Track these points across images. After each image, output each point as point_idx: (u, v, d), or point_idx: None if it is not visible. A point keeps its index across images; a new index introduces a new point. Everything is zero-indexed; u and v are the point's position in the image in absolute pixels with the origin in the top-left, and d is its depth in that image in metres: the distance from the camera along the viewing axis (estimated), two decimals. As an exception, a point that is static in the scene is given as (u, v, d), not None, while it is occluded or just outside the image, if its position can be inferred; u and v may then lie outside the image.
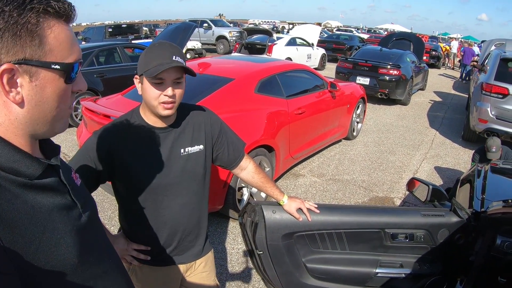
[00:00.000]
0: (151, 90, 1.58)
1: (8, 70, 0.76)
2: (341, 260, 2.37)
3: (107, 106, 4.35)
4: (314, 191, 5.47)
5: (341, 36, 25.53)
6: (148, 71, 1.54)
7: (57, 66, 0.83)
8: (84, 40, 19.02)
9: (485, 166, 3.47)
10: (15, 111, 0.80)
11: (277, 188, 2.11)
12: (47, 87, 0.83)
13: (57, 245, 0.84)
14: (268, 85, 5.08)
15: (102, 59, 8.92)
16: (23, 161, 0.82)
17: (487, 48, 12.80)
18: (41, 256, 0.80)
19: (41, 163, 0.86)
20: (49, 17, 0.80)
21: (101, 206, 4.59)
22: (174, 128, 1.74)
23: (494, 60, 8.01)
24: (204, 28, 23.35)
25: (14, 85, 0.78)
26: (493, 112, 7.31)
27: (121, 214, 1.87)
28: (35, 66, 0.79)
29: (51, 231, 0.83)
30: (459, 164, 6.94)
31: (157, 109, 1.61)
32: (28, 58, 0.78)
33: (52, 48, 0.81)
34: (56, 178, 0.92)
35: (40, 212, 0.82)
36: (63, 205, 0.90)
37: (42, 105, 0.83)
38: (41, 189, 0.85)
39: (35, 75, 0.80)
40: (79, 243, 0.90)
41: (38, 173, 0.85)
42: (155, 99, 1.59)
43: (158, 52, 1.59)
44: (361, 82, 10.86)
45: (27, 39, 0.77)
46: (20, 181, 0.81)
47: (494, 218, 2.23)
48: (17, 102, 0.79)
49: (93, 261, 0.97)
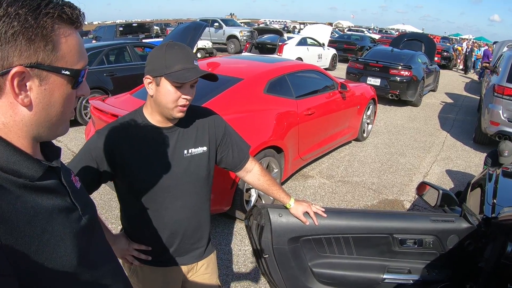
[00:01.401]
0: (170, 93, 1.58)
1: (19, 73, 0.77)
2: (348, 265, 2.34)
3: (115, 105, 4.36)
4: (323, 192, 5.43)
5: (352, 36, 25.44)
6: (173, 75, 1.54)
7: (67, 72, 0.84)
8: (95, 39, 19.15)
9: (496, 170, 3.41)
10: (21, 113, 0.81)
11: (283, 191, 2.08)
12: (56, 91, 0.84)
13: (56, 248, 0.84)
14: (278, 85, 5.05)
15: (112, 58, 8.96)
16: (24, 163, 0.82)
17: (500, 49, 12.68)
18: (40, 258, 0.80)
19: (42, 165, 0.86)
20: (62, 23, 0.82)
21: (108, 205, 4.61)
22: (178, 128, 1.73)
23: (506, 62, 7.91)
24: (215, 28, 23.39)
25: (23, 88, 0.79)
26: (505, 115, 7.21)
27: (122, 213, 1.88)
28: (46, 70, 0.81)
29: (50, 233, 0.83)
30: (470, 167, 6.86)
31: (173, 111, 1.61)
32: (40, 62, 0.79)
33: (63, 54, 0.82)
34: (57, 180, 0.92)
35: (40, 214, 0.82)
36: (63, 207, 0.89)
37: (48, 109, 0.84)
38: (41, 190, 0.85)
39: (45, 79, 0.81)
40: (78, 246, 0.89)
41: (39, 175, 0.84)
42: (173, 102, 1.59)
43: (179, 55, 1.58)
44: (371, 83, 10.81)
45: (41, 44, 0.78)
46: (21, 183, 0.80)
47: (506, 224, 2.19)
48: (26, 104, 0.80)
49: (92, 264, 0.96)
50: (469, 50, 23.95)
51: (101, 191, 4.89)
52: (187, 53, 1.60)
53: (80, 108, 7.60)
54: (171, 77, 1.54)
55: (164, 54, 1.57)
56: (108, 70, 8.27)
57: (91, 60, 8.00)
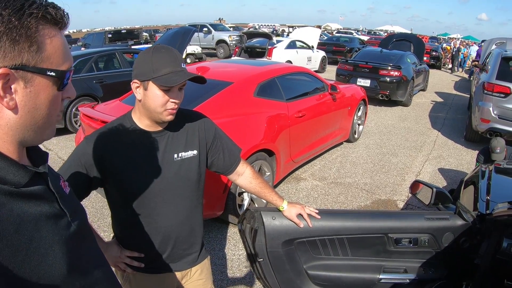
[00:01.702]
0: (157, 97, 1.56)
1: (4, 75, 0.75)
2: (344, 266, 2.33)
3: (105, 112, 4.32)
4: (316, 194, 5.42)
5: (341, 38, 25.57)
6: (161, 79, 1.52)
7: (53, 73, 0.83)
8: (84, 46, 19.07)
9: (489, 166, 3.42)
10: (6, 117, 0.79)
11: (276, 194, 2.06)
12: (41, 93, 0.82)
13: (45, 255, 0.81)
14: (268, 88, 5.03)
15: (101, 64, 8.93)
16: (9, 169, 0.80)
17: (488, 48, 12.78)
18: (28, 267, 0.78)
19: (28, 170, 0.84)
20: (46, 23, 0.81)
21: (100, 213, 4.56)
22: (167, 132, 1.71)
23: (495, 59, 7.97)
24: (204, 33, 23.38)
25: (8, 90, 0.77)
26: (495, 112, 7.26)
27: (114, 220, 1.85)
28: (31, 72, 0.79)
29: (38, 240, 0.81)
30: (462, 165, 6.89)
31: (161, 115, 1.60)
32: (25, 64, 0.78)
33: (48, 55, 0.81)
34: (44, 186, 0.89)
35: (27, 221, 0.79)
36: (51, 214, 0.87)
37: (34, 112, 0.82)
38: (28, 197, 0.82)
39: (30, 81, 0.80)
40: (68, 253, 0.87)
41: (25, 181, 0.82)
42: (161, 106, 1.57)
43: (166, 58, 1.56)
44: (361, 84, 10.81)
45: (26, 45, 0.77)
46: (6, 190, 0.78)
47: (500, 220, 2.18)
48: (11, 107, 0.78)
49: (82, 271, 0.94)
50: (456, 49, 24.14)
51: (93, 199, 4.84)
52: (174, 56, 1.58)
53: (70, 116, 7.55)
54: (159, 81, 1.52)
55: (151, 58, 1.55)
56: (97, 77, 8.24)
57: (80, 67, 7.98)
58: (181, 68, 1.57)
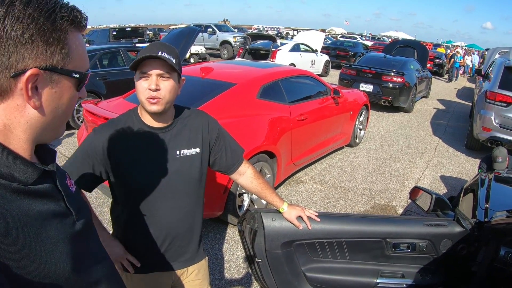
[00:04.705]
0: (138, 85, 1.62)
1: (33, 76, 0.76)
2: (342, 269, 2.33)
3: (108, 109, 4.34)
4: (316, 198, 5.43)
5: (345, 43, 25.55)
6: (133, 63, 1.58)
7: (77, 75, 0.86)
8: (88, 43, 19.08)
9: (488, 174, 3.43)
10: (28, 115, 0.80)
11: (276, 195, 2.07)
12: (65, 94, 0.85)
13: (50, 253, 0.82)
14: (271, 90, 5.05)
15: (105, 62, 8.94)
16: (18, 166, 0.80)
17: (491, 56, 12.80)
18: (33, 264, 0.78)
19: (36, 168, 0.84)
20: (73, 26, 0.83)
21: (100, 210, 4.57)
22: (171, 129, 1.74)
23: (498, 68, 7.98)
24: (209, 33, 23.41)
25: (35, 90, 0.79)
26: (497, 121, 7.27)
27: (113, 214, 1.88)
28: (59, 73, 0.81)
29: (44, 238, 0.81)
30: (462, 173, 6.89)
31: (145, 104, 1.62)
32: (55, 66, 0.80)
33: (74, 57, 0.84)
34: (51, 184, 0.89)
35: (34, 219, 0.80)
36: (57, 212, 0.87)
37: (56, 111, 0.85)
38: (35, 195, 0.82)
39: (56, 82, 0.82)
40: (73, 251, 0.87)
41: (33, 179, 0.82)
42: (142, 93, 1.61)
43: (148, 48, 1.62)
44: (364, 89, 10.83)
45: (58, 47, 0.79)
46: (14, 187, 0.78)
47: (498, 228, 2.20)
48: (36, 107, 0.80)
49: (86, 270, 0.94)
50: (450, 57, 23.16)
51: (94, 195, 4.85)
52: (155, 46, 1.62)
53: (73, 112, 7.54)
54: (131, 65, 1.60)
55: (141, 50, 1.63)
56: (101, 74, 8.24)
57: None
58: (156, 54, 1.55)
